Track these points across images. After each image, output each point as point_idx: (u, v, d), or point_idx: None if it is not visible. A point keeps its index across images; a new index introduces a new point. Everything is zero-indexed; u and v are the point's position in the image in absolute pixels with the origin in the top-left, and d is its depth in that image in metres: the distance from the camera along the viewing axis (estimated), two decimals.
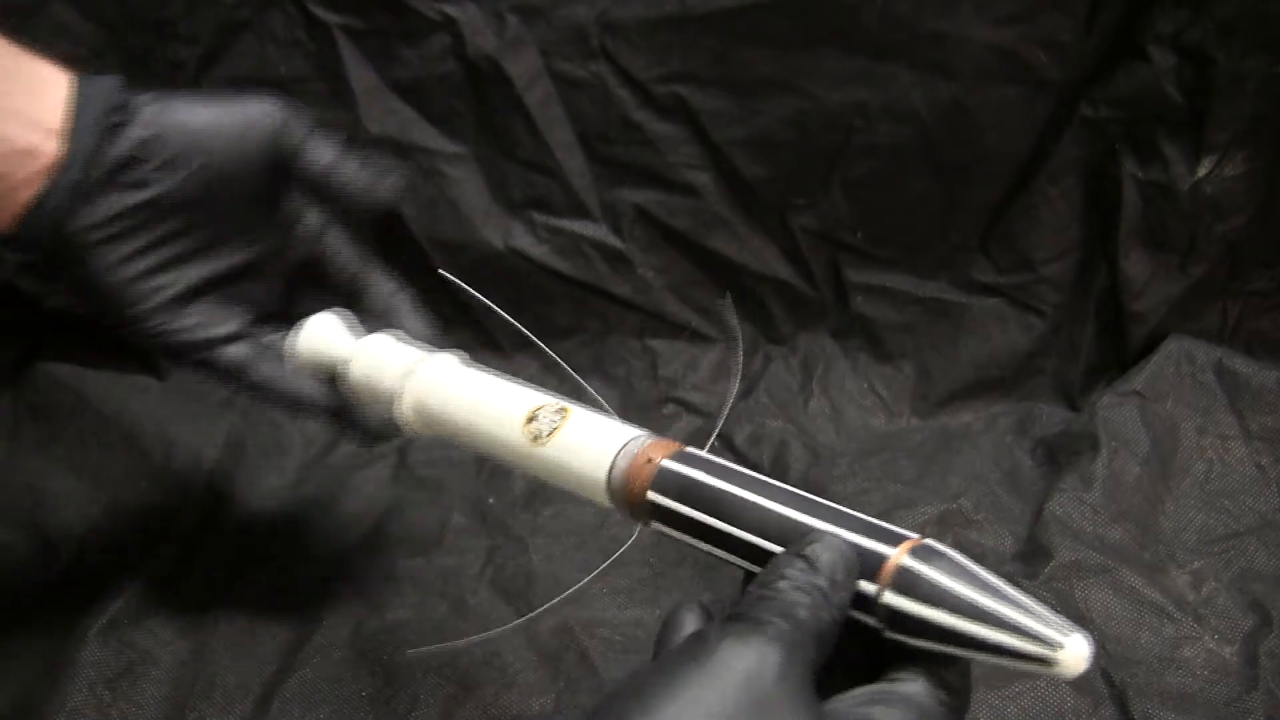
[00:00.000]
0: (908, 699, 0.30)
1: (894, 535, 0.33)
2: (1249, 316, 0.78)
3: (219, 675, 0.57)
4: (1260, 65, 0.68)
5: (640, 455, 0.39)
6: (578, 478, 0.41)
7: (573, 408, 0.43)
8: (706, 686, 0.27)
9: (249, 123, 0.47)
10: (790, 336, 0.81)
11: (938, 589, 0.31)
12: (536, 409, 0.43)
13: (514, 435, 0.43)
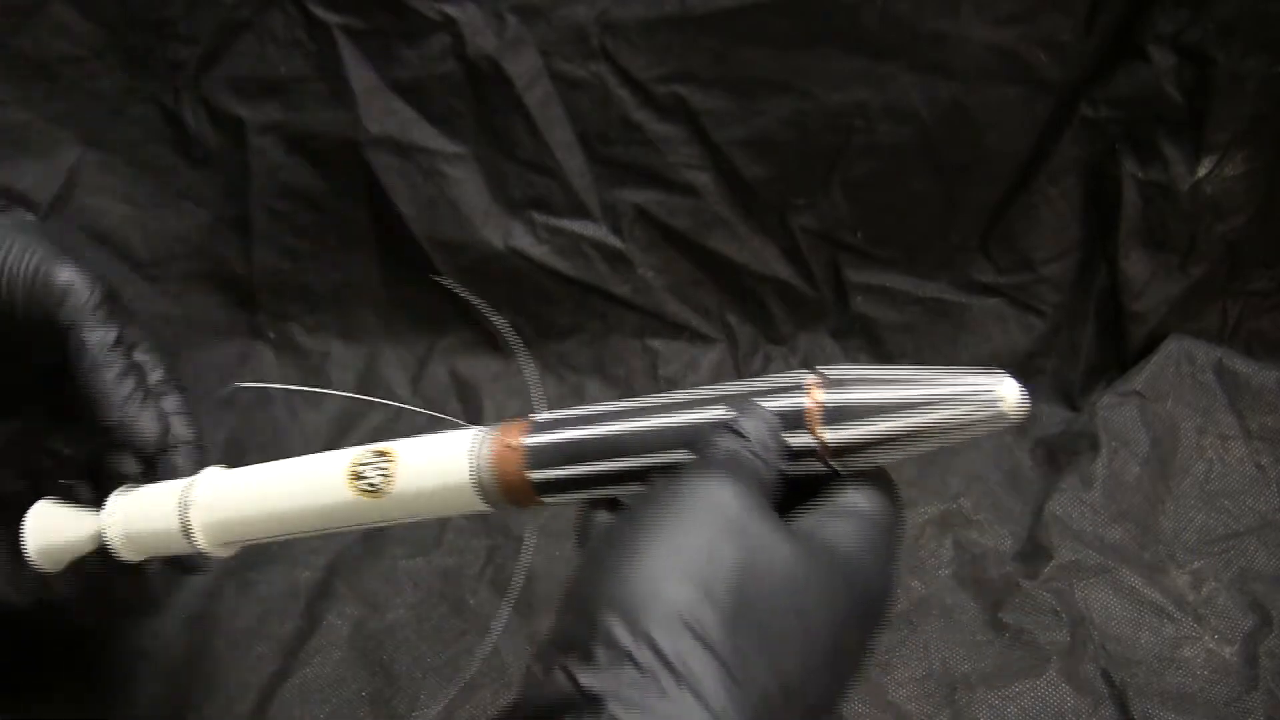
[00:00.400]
0: (854, 511, 0.33)
1: (792, 386, 0.34)
2: (1249, 316, 0.78)
3: (219, 675, 0.57)
4: (1260, 65, 0.68)
5: (498, 446, 0.38)
6: (442, 500, 0.39)
7: (390, 445, 0.40)
8: (682, 520, 0.30)
9: (39, 296, 0.44)
10: (790, 336, 0.81)
11: (867, 405, 0.32)
12: (356, 465, 0.40)
13: (349, 499, 0.40)
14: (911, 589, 0.63)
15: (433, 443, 0.40)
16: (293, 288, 0.78)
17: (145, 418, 0.43)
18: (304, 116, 0.73)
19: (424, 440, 0.40)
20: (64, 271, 0.44)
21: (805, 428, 0.33)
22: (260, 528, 0.43)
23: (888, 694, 0.56)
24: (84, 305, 0.44)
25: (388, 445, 0.40)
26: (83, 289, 0.44)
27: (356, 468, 0.40)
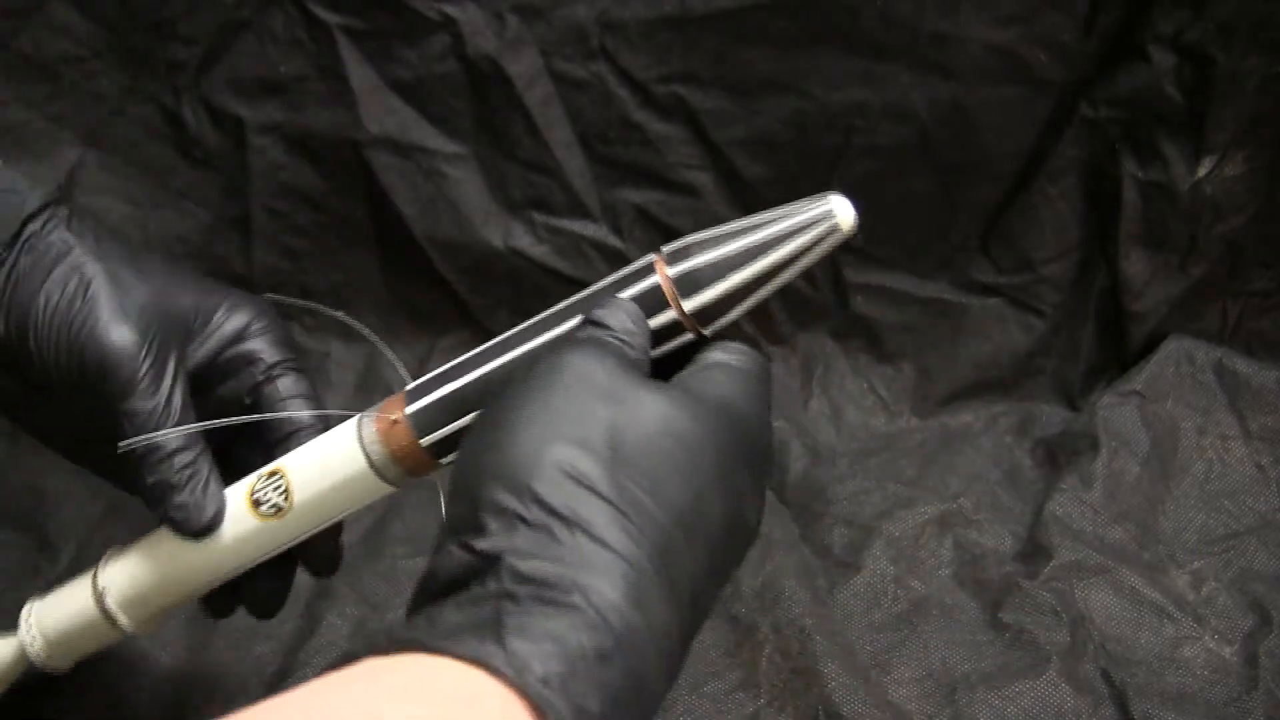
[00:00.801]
0: (720, 364, 0.34)
1: (641, 269, 0.35)
2: (1249, 316, 0.78)
3: (219, 675, 0.57)
4: (1260, 65, 0.68)
5: (383, 425, 0.38)
6: (347, 495, 0.39)
7: (278, 463, 0.40)
8: (550, 391, 0.30)
9: (69, 349, 0.38)
10: (790, 336, 0.81)
11: (715, 264, 0.34)
12: (252, 494, 0.40)
13: (256, 527, 0.40)
14: (911, 589, 0.63)
15: (319, 446, 0.40)
16: (293, 288, 0.78)
17: (194, 505, 0.39)
18: (304, 116, 0.73)
19: (309, 447, 0.40)
20: (108, 333, 0.38)
21: (666, 305, 0.34)
22: (182, 588, 0.42)
23: (888, 694, 0.56)
24: (126, 385, 0.38)
25: (275, 464, 0.40)
26: (123, 362, 0.38)
27: (253, 496, 0.40)
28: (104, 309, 0.38)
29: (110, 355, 0.38)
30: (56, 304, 0.38)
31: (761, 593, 0.61)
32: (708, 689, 0.56)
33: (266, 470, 0.40)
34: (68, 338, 0.38)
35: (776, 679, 0.56)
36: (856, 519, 0.68)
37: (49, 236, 0.39)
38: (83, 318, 0.38)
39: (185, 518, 0.39)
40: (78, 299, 0.38)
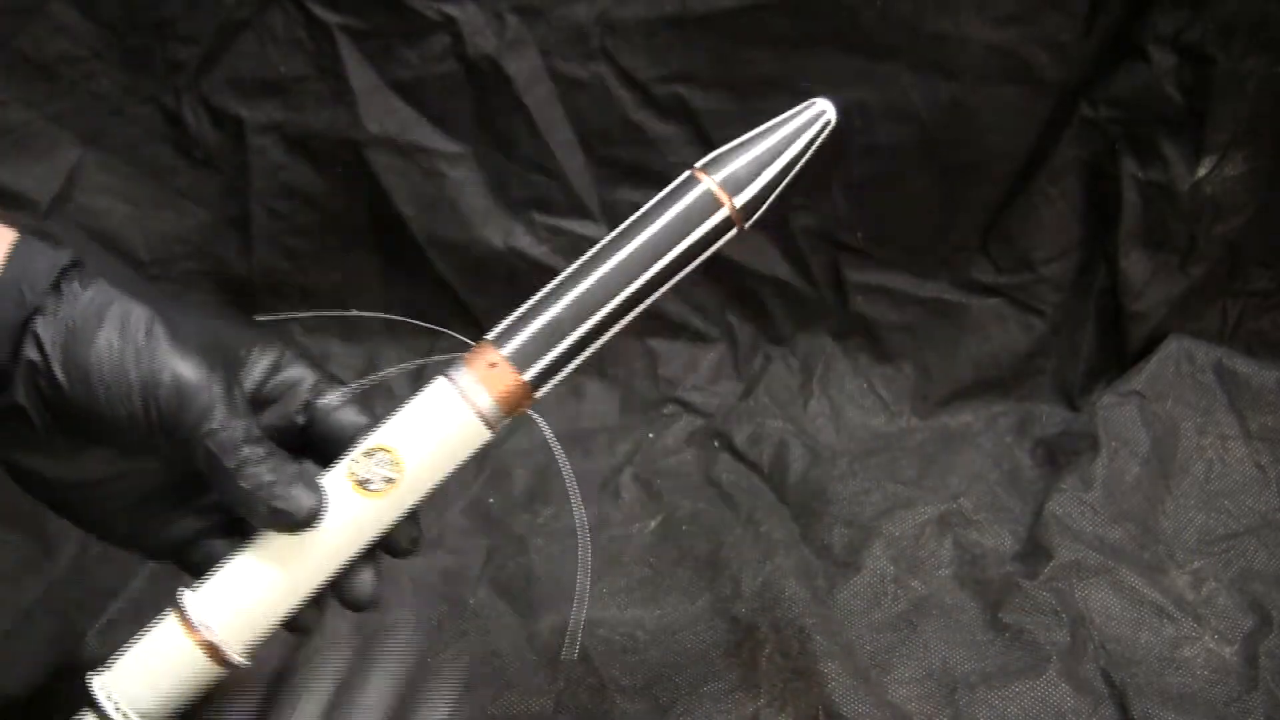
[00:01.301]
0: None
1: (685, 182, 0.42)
2: (1249, 316, 0.78)
3: None
4: (1260, 65, 0.68)
5: (483, 372, 0.40)
6: (453, 452, 0.40)
7: (375, 440, 0.40)
8: None
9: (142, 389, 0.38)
10: (790, 336, 0.81)
11: (748, 166, 0.42)
12: (354, 477, 0.40)
13: (366, 506, 0.39)
14: (911, 589, 0.63)
15: (414, 412, 0.40)
16: (293, 288, 0.78)
17: (296, 494, 0.39)
18: (304, 116, 0.73)
19: (403, 417, 0.40)
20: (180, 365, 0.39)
21: (718, 205, 0.41)
22: (293, 597, 0.40)
23: (888, 694, 0.56)
24: (204, 410, 0.38)
25: (369, 443, 0.40)
26: (198, 389, 0.39)
27: (357, 477, 0.40)
28: (169, 344, 0.39)
29: (187, 385, 0.38)
30: (120, 347, 0.38)
31: (761, 593, 0.61)
32: (708, 689, 0.56)
33: (360, 451, 0.40)
34: (138, 376, 0.38)
35: (776, 679, 0.56)
36: (856, 519, 0.68)
37: (88, 289, 0.39)
38: (150, 355, 0.38)
39: (291, 507, 0.39)
40: (140, 338, 0.38)
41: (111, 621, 0.58)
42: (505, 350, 0.40)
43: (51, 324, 0.38)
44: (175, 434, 0.39)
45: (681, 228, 0.41)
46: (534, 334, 0.40)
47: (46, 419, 0.39)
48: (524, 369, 0.40)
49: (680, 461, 0.75)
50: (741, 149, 0.42)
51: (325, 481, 0.40)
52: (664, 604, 0.62)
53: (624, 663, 0.58)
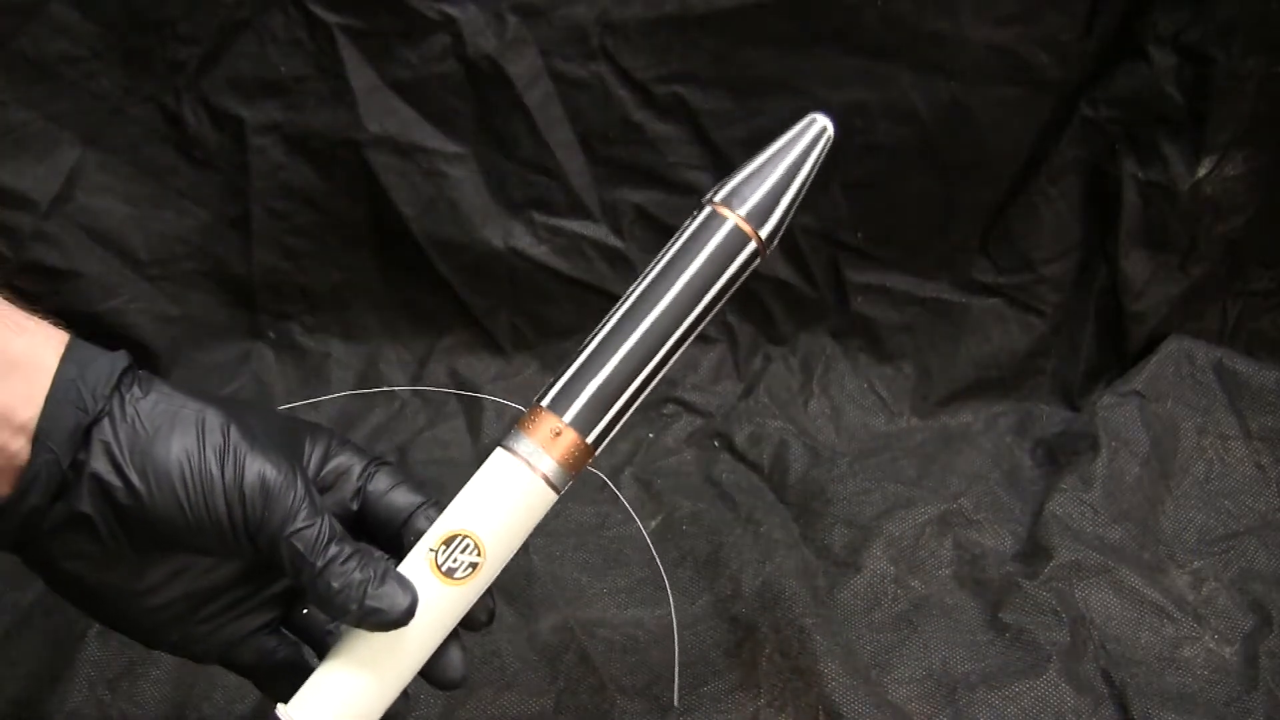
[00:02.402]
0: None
1: (710, 218, 0.42)
2: (1249, 316, 0.78)
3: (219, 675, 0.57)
4: (1260, 65, 0.68)
5: (547, 442, 0.41)
6: (526, 524, 0.41)
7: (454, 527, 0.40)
8: None
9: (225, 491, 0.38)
10: (790, 336, 0.81)
11: (767, 196, 0.42)
12: (439, 567, 0.40)
13: (453, 595, 0.40)
14: (911, 589, 0.63)
15: (483, 491, 0.40)
16: (293, 288, 0.78)
17: (390, 593, 0.39)
18: (304, 116, 0.73)
19: (470, 498, 0.41)
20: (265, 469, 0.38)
21: (747, 240, 0.43)
22: (389, 692, 0.41)
23: (888, 694, 0.56)
24: (290, 510, 0.38)
25: (445, 530, 0.40)
26: (284, 489, 0.38)
27: (442, 568, 0.40)
28: (249, 445, 0.39)
29: (272, 486, 0.38)
30: (200, 451, 0.38)
31: (761, 593, 0.61)
32: (708, 689, 0.56)
33: (439, 539, 0.40)
34: (222, 480, 0.38)
35: (776, 679, 0.56)
36: (856, 519, 0.68)
37: (151, 392, 0.39)
38: (233, 458, 0.38)
39: (388, 605, 0.39)
40: (219, 441, 0.38)
41: None
42: (566, 417, 0.41)
43: (121, 429, 0.37)
44: (259, 536, 0.38)
45: (716, 268, 0.42)
46: (592, 397, 0.41)
47: (113, 527, 0.38)
48: (586, 432, 0.41)
49: (680, 461, 0.75)
50: (756, 178, 0.43)
51: (408, 573, 0.40)
52: (664, 604, 0.62)
53: (624, 663, 0.58)
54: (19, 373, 0.36)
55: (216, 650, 0.43)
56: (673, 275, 0.42)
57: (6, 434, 0.36)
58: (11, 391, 0.36)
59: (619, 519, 0.69)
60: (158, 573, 0.40)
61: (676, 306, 0.42)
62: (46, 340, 0.38)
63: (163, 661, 0.57)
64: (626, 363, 0.41)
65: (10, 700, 0.55)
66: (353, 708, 0.40)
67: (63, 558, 0.39)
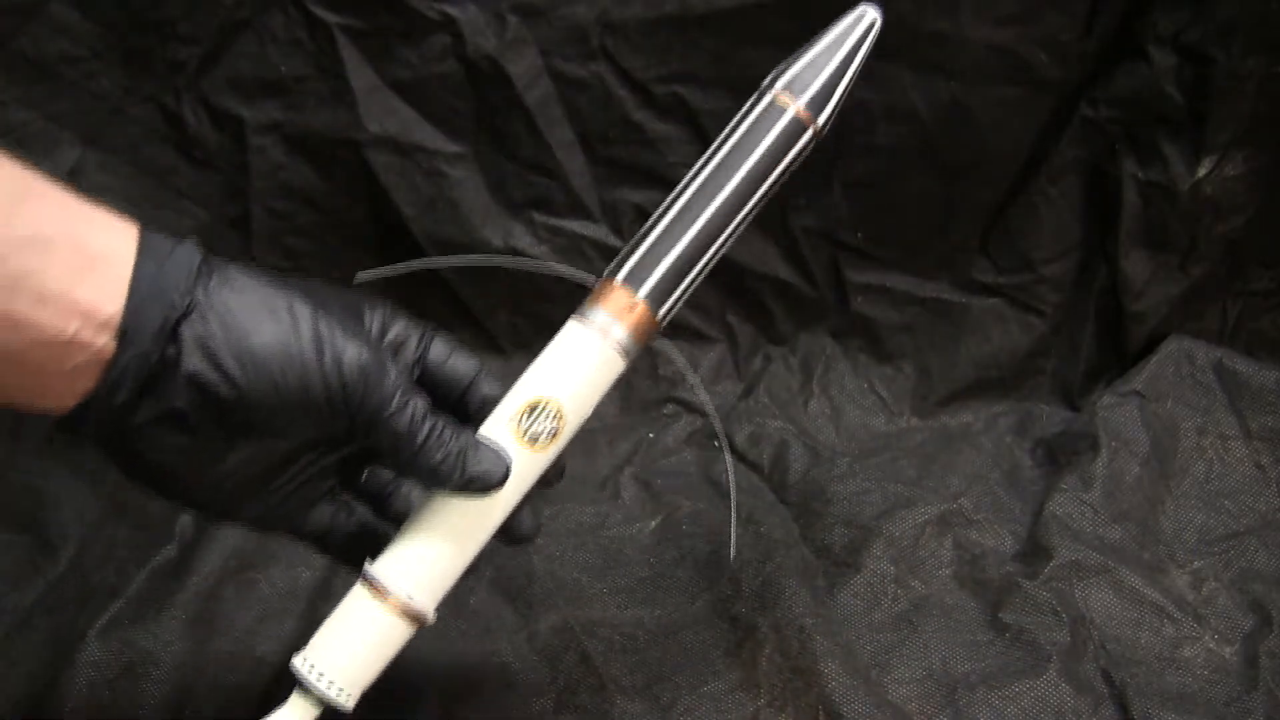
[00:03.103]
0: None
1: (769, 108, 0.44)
2: (1249, 316, 0.78)
3: (219, 675, 0.57)
4: (1260, 65, 0.68)
5: (622, 315, 0.43)
6: (599, 392, 0.43)
7: (537, 393, 0.42)
8: None
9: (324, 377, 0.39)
10: (790, 336, 0.81)
11: (827, 82, 0.45)
12: (523, 432, 0.42)
13: (535, 459, 0.42)
14: (911, 589, 0.63)
15: (560, 361, 0.43)
16: None
17: (486, 460, 0.41)
18: (304, 116, 0.73)
19: (546, 367, 0.43)
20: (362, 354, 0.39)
21: (805, 128, 0.45)
22: (469, 552, 0.43)
23: (888, 694, 0.56)
24: (388, 389, 0.39)
25: (526, 398, 0.42)
26: (380, 370, 0.39)
27: (527, 434, 0.42)
28: (340, 329, 0.39)
29: (369, 368, 0.39)
30: (294, 338, 0.38)
31: (761, 593, 0.61)
32: (708, 689, 0.56)
33: (521, 408, 0.42)
34: (319, 365, 0.38)
35: (776, 679, 0.56)
36: (856, 519, 0.68)
37: (229, 283, 0.39)
38: (330, 342, 0.39)
39: (487, 470, 0.41)
40: (311, 328, 0.39)
41: (112, 621, 0.58)
42: (640, 292, 0.43)
43: (212, 321, 0.38)
44: (358, 419, 0.40)
45: (776, 154, 0.45)
46: (665, 273, 0.43)
47: (206, 419, 0.38)
48: (657, 306, 0.43)
49: (680, 461, 0.75)
50: (814, 67, 0.45)
51: (493, 439, 0.42)
52: (664, 604, 0.63)
53: (624, 663, 0.58)
54: (99, 268, 0.36)
55: (287, 519, 0.44)
56: (735, 161, 0.45)
57: (91, 331, 0.36)
58: (93, 288, 0.36)
59: (619, 519, 0.69)
60: (239, 455, 0.40)
61: (739, 191, 0.44)
62: (122, 232, 0.37)
63: (163, 661, 0.57)
64: (694, 242, 0.44)
65: (10, 700, 0.55)
66: (437, 568, 0.42)
67: (150, 450, 0.39)
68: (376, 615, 0.42)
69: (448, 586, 0.43)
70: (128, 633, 0.58)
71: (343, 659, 0.42)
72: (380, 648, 0.42)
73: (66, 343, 0.36)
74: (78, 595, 0.60)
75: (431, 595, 0.42)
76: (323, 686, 0.41)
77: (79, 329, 0.36)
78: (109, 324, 0.36)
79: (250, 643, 0.59)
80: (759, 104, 0.45)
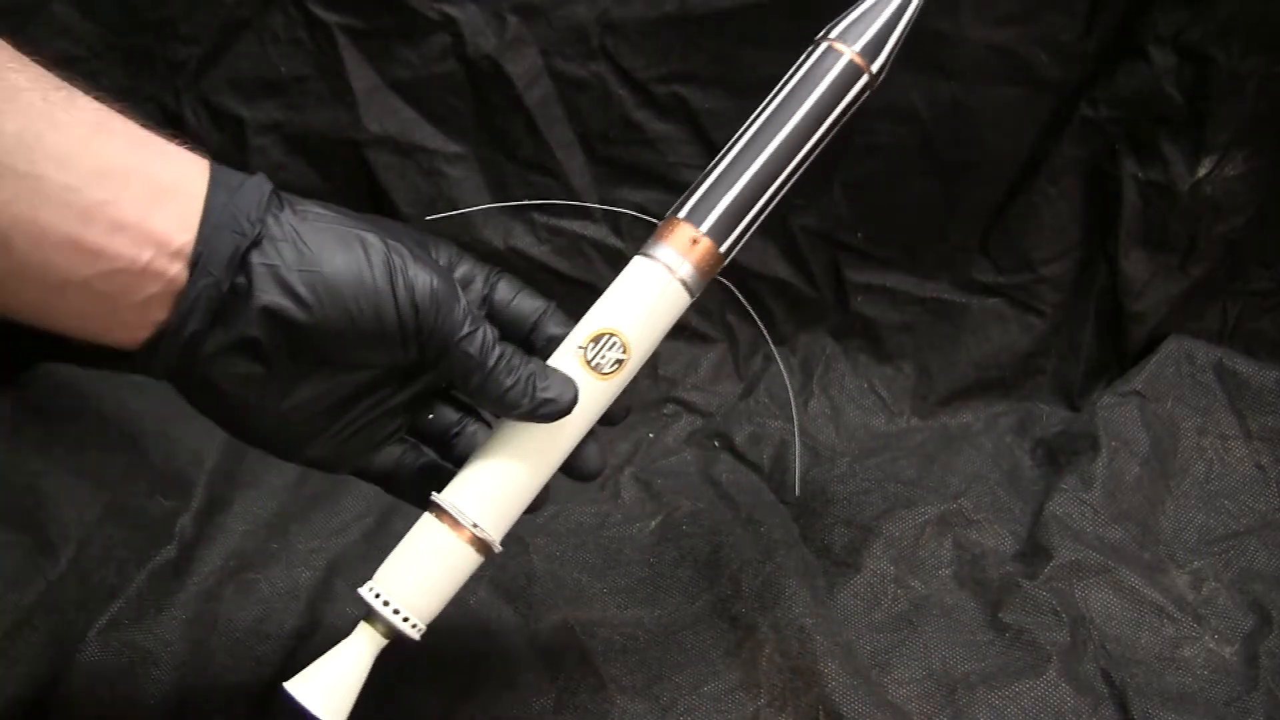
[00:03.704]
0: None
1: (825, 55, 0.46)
2: (1249, 316, 0.78)
3: (219, 675, 0.57)
4: (1260, 65, 0.68)
5: (686, 250, 0.44)
6: (665, 325, 0.44)
7: (602, 324, 0.43)
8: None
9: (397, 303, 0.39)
10: (790, 336, 0.81)
11: (883, 28, 0.46)
12: (588, 361, 0.43)
13: (601, 388, 0.43)
14: (911, 589, 0.63)
15: (627, 292, 0.44)
16: None
17: (557, 385, 0.42)
18: (304, 116, 0.73)
19: (615, 299, 0.44)
20: (434, 280, 0.40)
21: (860, 73, 0.46)
22: (538, 480, 0.44)
23: (888, 694, 0.56)
24: (459, 317, 0.40)
25: (593, 328, 0.43)
26: (451, 297, 0.40)
27: (592, 363, 0.43)
28: (411, 257, 0.40)
29: (441, 294, 0.40)
30: (367, 267, 0.39)
31: (761, 593, 0.61)
32: (708, 689, 0.56)
33: (587, 336, 0.43)
34: (396, 297, 0.39)
35: (776, 679, 0.56)
36: (856, 519, 0.68)
37: (298, 214, 0.39)
38: (402, 270, 0.39)
39: (558, 395, 0.42)
40: (382, 257, 0.39)
41: (112, 621, 0.58)
42: (705, 226, 0.44)
43: (284, 250, 0.38)
44: (430, 344, 0.40)
45: (833, 98, 0.46)
46: (726, 210, 0.44)
47: (280, 347, 0.39)
48: (720, 241, 0.44)
49: (680, 461, 0.75)
50: (868, 17, 0.46)
51: (560, 368, 0.43)
52: (664, 604, 0.63)
53: (624, 663, 0.58)
54: (171, 198, 0.37)
55: (351, 458, 0.44)
56: (794, 104, 0.46)
57: (164, 260, 0.36)
58: (166, 218, 0.36)
59: (619, 519, 0.69)
60: (310, 387, 0.41)
61: (798, 132, 0.45)
62: (193, 164, 0.38)
63: (163, 661, 0.57)
64: (755, 181, 0.45)
65: (10, 700, 0.55)
66: (504, 498, 0.43)
67: (222, 379, 0.39)
68: (446, 543, 0.42)
69: (515, 517, 0.44)
70: (128, 633, 0.58)
71: (411, 588, 0.42)
72: (449, 576, 0.42)
73: (140, 271, 0.36)
74: (78, 595, 0.60)
75: (498, 525, 0.43)
76: (389, 615, 0.41)
77: (153, 257, 0.36)
78: (181, 252, 0.37)
79: (250, 643, 0.59)
80: (814, 53, 0.46)
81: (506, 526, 0.44)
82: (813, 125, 0.46)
